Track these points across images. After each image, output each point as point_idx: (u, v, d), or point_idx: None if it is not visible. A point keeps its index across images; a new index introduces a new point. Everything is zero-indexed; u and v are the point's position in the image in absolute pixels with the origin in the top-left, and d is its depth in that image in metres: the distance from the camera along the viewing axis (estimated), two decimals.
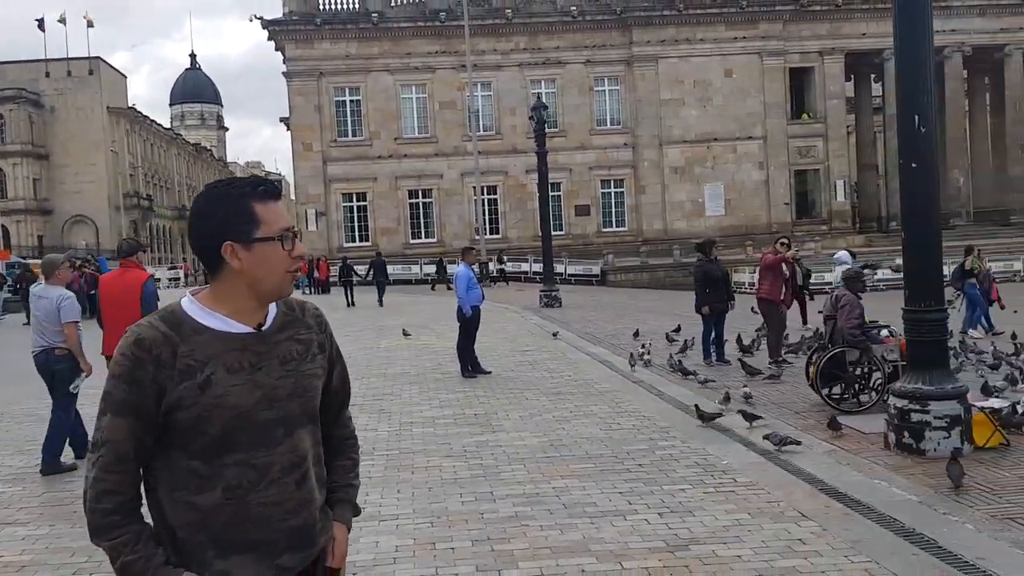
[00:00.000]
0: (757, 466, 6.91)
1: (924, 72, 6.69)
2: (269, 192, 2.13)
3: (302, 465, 2.14)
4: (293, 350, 2.16)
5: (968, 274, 16.92)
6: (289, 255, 2.12)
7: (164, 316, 2.09)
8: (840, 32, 47.04)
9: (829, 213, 48.38)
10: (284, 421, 2.10)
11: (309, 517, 2.15)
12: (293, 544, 2.11)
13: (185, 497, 2.04)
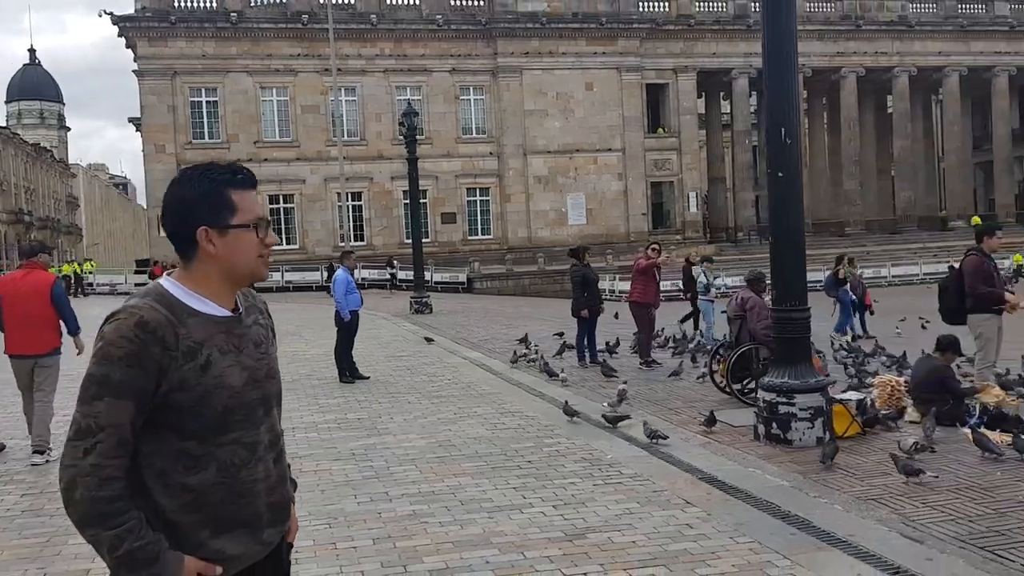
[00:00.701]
0: (640, 459, 7.22)
1: (789, 88, 7.20)
2: (246, 181, 2.19)
3: (278, 443, 2.24)
4: (260, 334, 2.24)
5: (841, 281, 18.09)
6: (262, 242, 2.18)
7: (158, 298, 2.09)
8: (693, 51, 49.29)
9: (682, 223, 50.48)
10: (264, 401, 2.19)
11: (285, 492, 2.25)
12: (274, 518, 2.19)
13: (177, 479, 2.05)
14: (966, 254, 9.21)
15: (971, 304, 8.76)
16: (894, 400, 8.69)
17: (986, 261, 8.88)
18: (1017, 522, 5.33)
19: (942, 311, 9.32)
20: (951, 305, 9.03)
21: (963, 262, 9.06)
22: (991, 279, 8.80)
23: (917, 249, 48.11)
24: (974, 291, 8.65)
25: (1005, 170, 54.71)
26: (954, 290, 8.98)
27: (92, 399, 1.98)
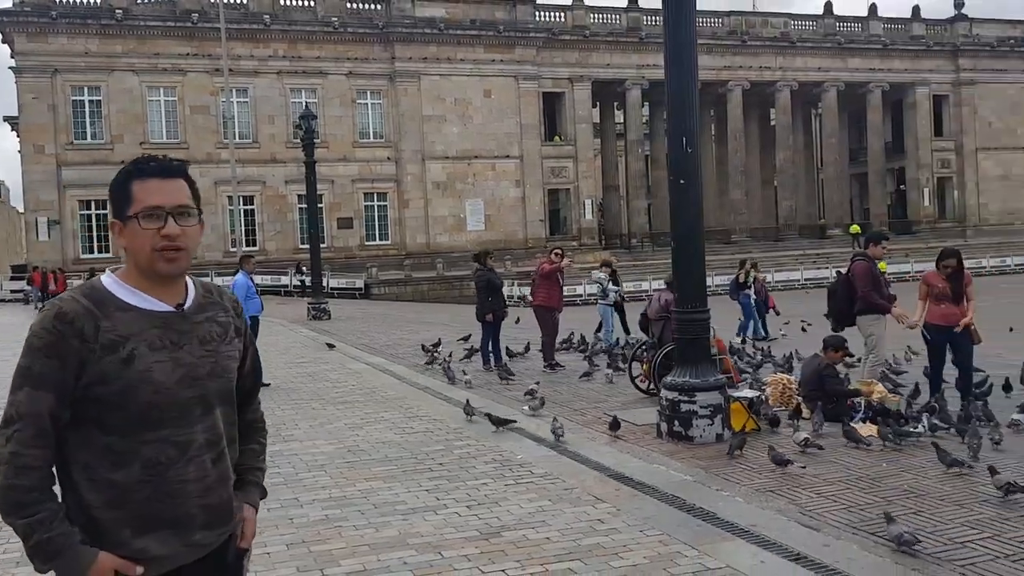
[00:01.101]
0: (550, 459, 7.36)
1: (690, 98, 7.49)
2: (150, 170, 2.14)
3: (219, 444, 2.18)
4: (213, 331, 2.19)
5: (743, 285, 18.75)
6: (157, 232, 2.09)
7: (86, 291, 2.08)
8: (588, 62, 50.26)
9: (578, 230, 51.33)
10: (203, 400, 2.14)
11: (225, 495, 2.19)
12: (209, 521, 2.14)
13: (103, 474, 2.03)
14: (853, 260, 9.75)
15: (860, 307, 9.29)
16: (785, 398, 9.12)
17: (873, 267, 9.45)
18: (902, 508, 5.68)
19: (831, 314, 9.83)
20: (840, 308, 9.54)
21: (852, 268, 9.59)
22: (879, 284, 9.38)
23: (798, 256, 50.34)
24: (865, 296, 9.18)
25: (878, 181, 57.82)
26: (843, 294, 9.50)
27: (15, 389, 2.00)
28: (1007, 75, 58.56)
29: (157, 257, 2.10)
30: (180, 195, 2.16)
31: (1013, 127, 58.86)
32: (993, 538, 5.06)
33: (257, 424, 2.46)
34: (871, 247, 9.72)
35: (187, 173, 2.23)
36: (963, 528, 5.26)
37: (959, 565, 4.67)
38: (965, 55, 57.48)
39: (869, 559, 4.84)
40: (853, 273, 9.40)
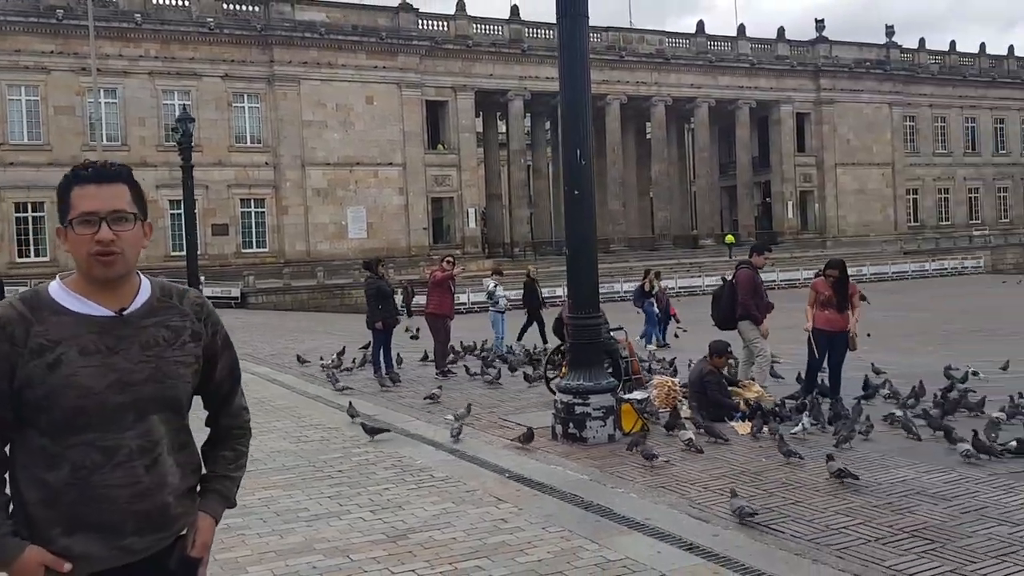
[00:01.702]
0: (449, 463, 7.48)
1: (583, 112, 7.79)
2: (86, 176, 2.17)
3: (154, 450, 2.16)
4: (160, 336, 2.19)
5: (647, 294, 19.35)
6: (91, 238, 2.12)
7: (25, 297, 2.13)
8: (471, 71, 50.63)
9: (462, 239, 51.54)
10: (136, 405, 2.13)
11: (160, 502, 2.17)
12: (141, 527, 2.14)
13: (37, 474, 2.09)
14: (738, 268, 10.32)
15: (741, 313, 9.85)
16: (670, 400, 9.54)
17: (756, 276, 10.03)
18: (782, 500, 6.10)
19: (715, 318, 10.36)
20: (725, 313, 10.08)
21: (736, 275, 10.15)
22: (759, 293, 9.97)
23: (673, 265, 52.10)
24: (743, 303, 9.75)
25: (747, 194, 60.59)
26: (728, 300, 10.04)
27: None
28: (863, 95, 62.50)
29: (93, 262, 2.12)
30: (116, 200, 2.17)
31: (868, 144, 62.82)
32: (864, 523, 5.51)
33: (234, 430, 2.45)
34: (754, 257, 10.31)
35: (128, 177, 2.24)
36: (837, 515, 5.69)
37: (836, 549, 5.07)
38: (825, 75, 60.99)
39: (756, 546, 5.18)
40: (737, 280, 9.95)
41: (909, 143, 64.94)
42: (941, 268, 56.38)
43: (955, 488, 6.28)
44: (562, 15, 7.76)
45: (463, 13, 50.46)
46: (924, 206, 65.96)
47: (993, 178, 69.01)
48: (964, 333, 25.22)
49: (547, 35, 52.96)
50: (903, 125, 64.36)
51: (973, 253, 60.08)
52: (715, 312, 10.35)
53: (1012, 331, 26.16)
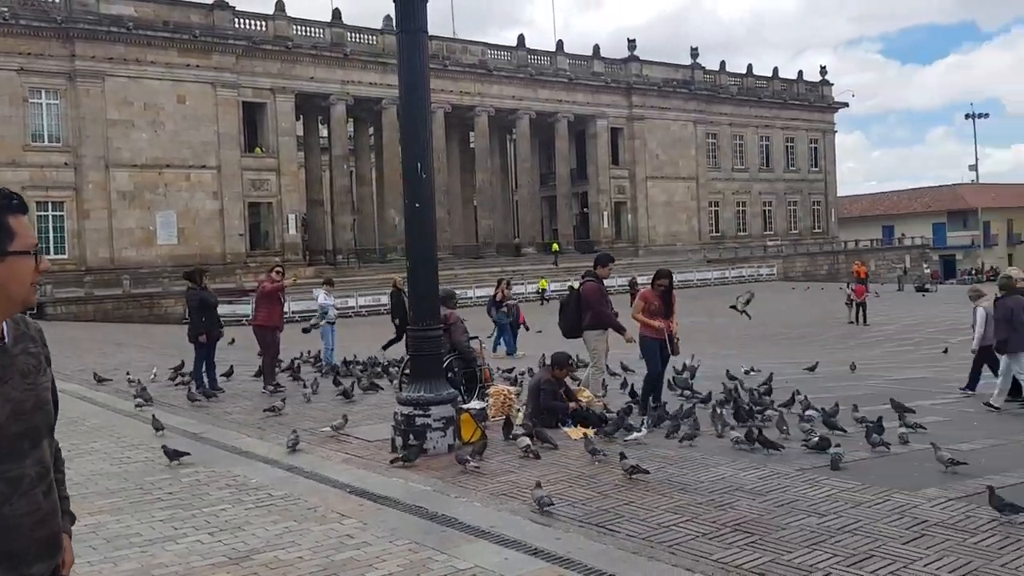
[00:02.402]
0: (287, 480, 7.34)
1: (424, 126, 7.88)
2: (21, 206, 2.17)
3: (48, 476, 2.19)
4: (29, 364, 2.19)
5: (500, 303, 19.48)
6: (36, 268, 2.17)
7: None
8: (291, 73, 49.41)
9: (282, 245, 50.12)
10: (30, 434, 2.13)
11: (55, 526, 2.20)
12: (42, 553, 2.15)
13: None
14: (583, 279, 10.66)
15: (588, 322, 10.20)
16: (506, 408, 9.79)
17: (602, 286, 10.41)
18: (616, 502, 6.43)
19: (562, 326, 10.67)
20: (571, 322, 10.40)
21: (583, 286, 10.49)
22: (606, 301, 10.36)
23: (497, 272, 53.02)
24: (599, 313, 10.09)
25: (566, 204, 62.68)
26: (574, 309, 10.36)
27: None
28: (670, 113, 66.24)
29: (32, 291, 2.18)
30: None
31: (675, 159, 66.62)
32: (691, 520, 5.91)
33: (59, 452, 2.44)
34: (599, 268, 10.65)
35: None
36: (667, 514, 6.07)
37: (668, 546, 5.41)
38: (637, 92, 64.15)
39: (596, 547, 5.45)
40: (584, 292, 10.29)
41: (711, 159, 69.40)
42: (740, 275, 60.60)
43: (768, 484, 6.84)
44: (401, 30, 7.82)
45: (282, 14, 49.20)
46: (724, 218, 70.62)
47: (784, 192, 74.90)
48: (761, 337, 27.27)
49: (370, 40, 52.58)
50: (706, 142, 68.71)
51: (767, 262, 64.99)
52: (562, 321, 10.66)
53: (800, 335, 28.61)
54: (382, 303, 45.08)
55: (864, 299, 32.12)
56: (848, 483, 6.76)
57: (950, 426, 9.70)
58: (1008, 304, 10.60)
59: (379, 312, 44.62)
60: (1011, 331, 10.51)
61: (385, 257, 52.88)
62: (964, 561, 4.94)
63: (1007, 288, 10.86)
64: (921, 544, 5.28)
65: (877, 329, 29.84)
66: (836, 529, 5.62)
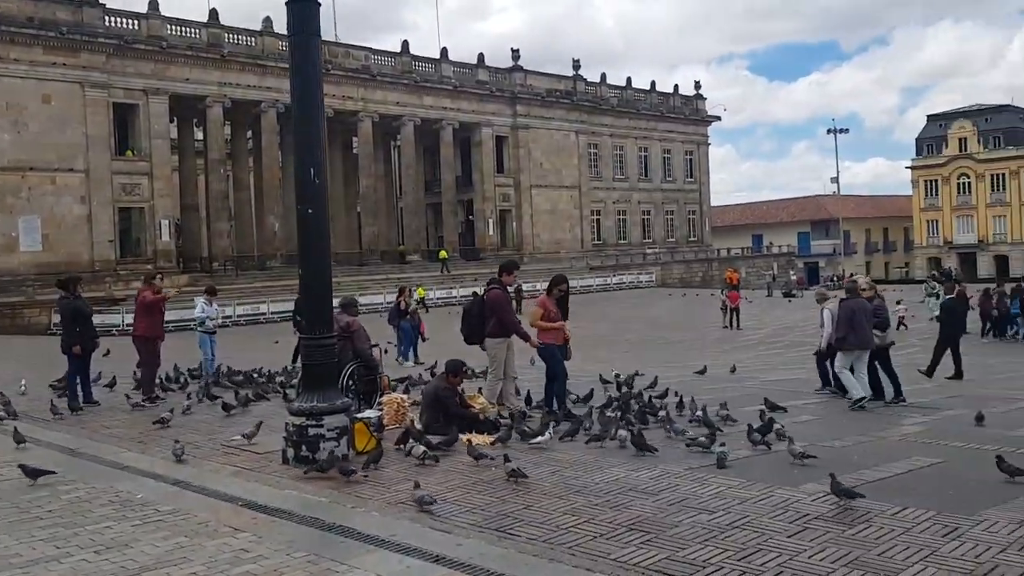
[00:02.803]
0: (175, 495, 7.08)
1: (317, 131, 7.77)
2: None
3: None
4: None
5: (403, 313, 19.15)
6: None
7: None
8: (165, 74, 47.57)
9: (154, 252, 48.11)
10: None
11: None
12: None
13: None
14: (488, 288, 10.62)
15: (491, 330, 10.17)
16: (399, 416, 9.73)
17: (506, 293, 10.41)
18: (515, 506, 6.50)
19: (464, 332, 10.61)
20: (474, 328, 10.35)
21: (487, 294, 10.44)
22: (511, 309, 10.37)
23: (381, 280, 52.52)
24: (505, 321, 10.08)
25: (451, 211, 62.68)
26: (478, 316, 10.32)
27: None
28: (553, 122, 67.30)
29: None
30: None
31: (559, 168, 67.70)
32: (588, 521, 6.04)
33: None
34: (504, 275, 10.64)
35: None
36: (565, 516, 6.19)
37: (568, 547, 5.52)
38: (521, 102, 64.87)
39: (497, 551, 5.50)
40: (490, 299, 10.24)
41: (593, 168, 70.87)
42: (620, 282, 62.12)
43: (660, 483, 7.07)
44: (294, 33, 7.69)
45: (156, 12, 47.35)
46: (606, 226, 72.21)
47: (662, 202, 77.23)
48: (641, 342, 28.04)
49: (249, 42, 51.26)
50: (588, 152, 70.13)
51: (646, 269, 66.82)
52: (464, 327, 10.60)
53: (680, 339, 29.57)
54: (261, 312, 44.00)
55: (737, 304, 33.49)
56: (734, 480, 7.07)
57: (821, 424, 10.27)
58: (851, 305, 11.66)
59: (258, 321, 43.54)
60: (850, 330, 11.54)
61: (264, 265, 51.54)
62: (845, 551, 5.24)
63: (852, 292, 11.97)
64: (805, 537, 5.57)
65: (750, 332, 31.17)
66: (726, 525, 5.87)
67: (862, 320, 11.59)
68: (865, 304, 11.83)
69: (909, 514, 5.98)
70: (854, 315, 11.55)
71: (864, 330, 11.62)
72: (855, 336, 11.53)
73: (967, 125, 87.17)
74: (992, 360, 20.47)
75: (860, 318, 11.58)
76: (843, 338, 11.64)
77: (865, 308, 11.75)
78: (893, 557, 5.13)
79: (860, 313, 11.60)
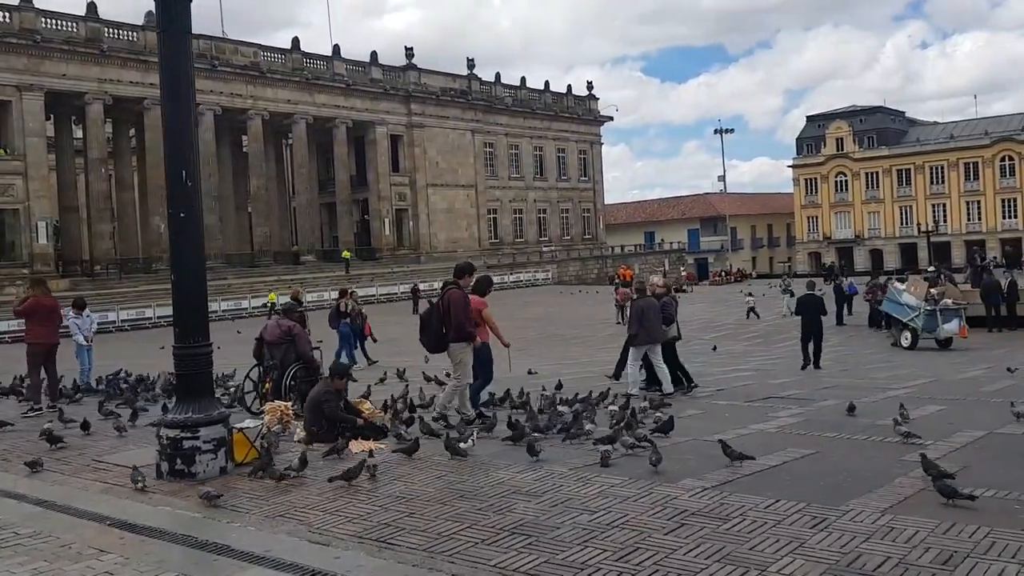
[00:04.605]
0: (36, 516, 6.69)
1: (188, 132, 7.46)
2: None
3: None
4: None
5: (343, 315, 18.55)
6: None
7: None
8: (40, 70, 45.34)
9: (31, 256, 45.88)
10: None
11: None
12: None
13: None
14: (446, 290, 10.10)
15: (454, 336, 9.84)
16: (284, 423, 9.49)
17: (465, 297, 10.03)
18: (396, 514, 6.40)
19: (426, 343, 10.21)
20: (436, 337, 9.97)
21: (448, 296, 9.93)
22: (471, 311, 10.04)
23: (273, 281, 51.40)
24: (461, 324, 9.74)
25: (346, 211, 61.82)
26: (437, 323, 9.92)
27: None
28: (449, 121, 67.21)
29: None
30: None
31: (455, 167, 67.67)
32: (471, 527, 5.99)
33: None
34: (464, 278, 10.26)
35: None
36: (448, 522, 6.12)
37: (448, 555, 5.45)
38: (416, 100, 64.53)
39: (375, 563, 5.39)
40: (451, 302, 9.77)
41: (489, 167, 71.16)
42: (518, 280, 62.56)
43: (544, 484, 7.08)
44: (163, 30, 7.37)
45: (29, 5, 45.09)
46: (502, 224, 72.63)
47: (557, 200, 78.19)
48: (539, 339, 28.27)
49: (131, 37, 49.34)
50: (484, 151, 70.36)
51: (543, 267, 67.54)
52: (426, 337, 10.10)
53: (575, 335, 30.00)
54: (146, 316, 42.37)
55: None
56: (616, 479, 7.14)
57: (704, 419, 10.54)
58: (640, 304, 12.84)
59: (143, 327, 41.90)
60: (640, 328, 12.68)
61: (150, 267, 49.72)
62: (719, 546, 5.36)
63: (642, 291, 13.25)
64: (681, 533, 5.67)
65: None
66: (606, 525, 5.91)
67: (652, 317, 12.69)
68: (654, 303, 12.95)
69: (781, 506, 6.16)
70: (643, 313, 12.65)
71: (654, 326, 12.70)
72: (645, 333, 12.64)
73: (844, 125, 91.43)
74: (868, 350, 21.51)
75: (650, 315, 12.69)
76: (635, 335, 12.74)
77: (654, 306, 12.85)
78: (764, 550, 5.27)
79: (649, 310, 12.72)
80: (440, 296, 10.20)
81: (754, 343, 28.31)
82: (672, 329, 13.46)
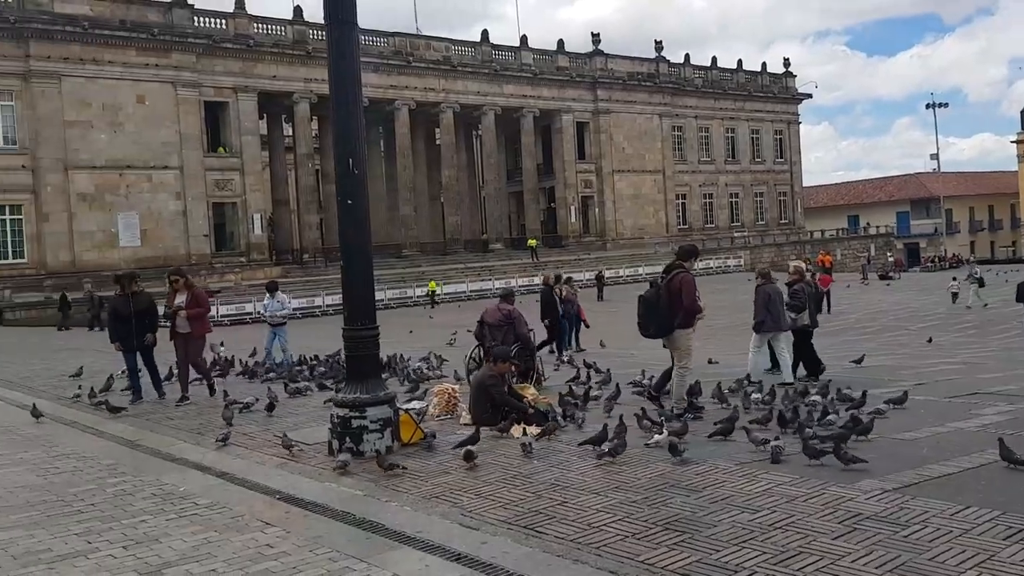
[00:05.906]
0: (216, 488, 7.13)
1: (354, 121, 7.68)
2: None
3: None
4: None
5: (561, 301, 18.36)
6: None
7: None
8: (253, 72, 48.85)
9: (247, 246, 49.61)
10: None
11: None
12: None
13: None
14: (674, 272, 9.49)
15: (681, 321, 9.37)
16: (451, 406, 9.62)
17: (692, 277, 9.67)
18: (549, 502, 6.28)
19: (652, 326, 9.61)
20: (663, 322, 9.44)
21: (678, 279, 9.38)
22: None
23: (463, 269, 52.85)
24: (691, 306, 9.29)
25: (533, 200, 62.52)
26: (667, 305, 9.35)
27: None
28: (636, 106, 66.31)
29: None
30: None
31: (642, 152, 66.71)
32: (623, 520, 5.77)
33: None
34: (690, 260, 9.77)
35: None
36: (599, 513, 5.93)
37: (595, 547, 5.27)
38: (602, 87, 64.13)
39: (521, 551, 5.29)
40: (683, 284, 9.29)
41: (677, 151, 69.60)
42: (707, 267, 60.77)
43: (705, 479, 6.72)
44: (330, 21, 7.62)
45: (243, 12, 48.63)
46: (691, 210, 70.88)
47: (751, 184, 75.31)
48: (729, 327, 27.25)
49: None
50: (672, 135, 68.89)
51: (735, 253, 65.27)
52: (652, 319, 9.53)
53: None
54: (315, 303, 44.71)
55: (828, 288, 32.30)
56: (785, 477, 6.67)
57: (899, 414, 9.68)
58: (766, 290, 12.33)
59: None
60: (767, 314, 12.19)
61: None
62: (893, 555, 4.85)
63: (766, 277, 12.57)
64: (852, 539, 5.18)
65: (842, 317, 30.03)
66: (768, 525, 5.51)
67: (777, 304, 12.26)
68: (778, 289, 12.50)
69: (970, 514, 5.50)
70: (770, 299, 12.23)
71: (781, 313, 12.27)
72: (772, 320, 12.21)
73: None
74: None
75: (776, 301, 12.26)
76: (761, 322, 12.26)
77: (779, 292, 12.45)
78: (944, 562, 4.71)
79: (775, 297, 12.30)
80: (665, 278, 9.57)
81: (967, 334, 25.96)
82: (803, 317, 12.68)
